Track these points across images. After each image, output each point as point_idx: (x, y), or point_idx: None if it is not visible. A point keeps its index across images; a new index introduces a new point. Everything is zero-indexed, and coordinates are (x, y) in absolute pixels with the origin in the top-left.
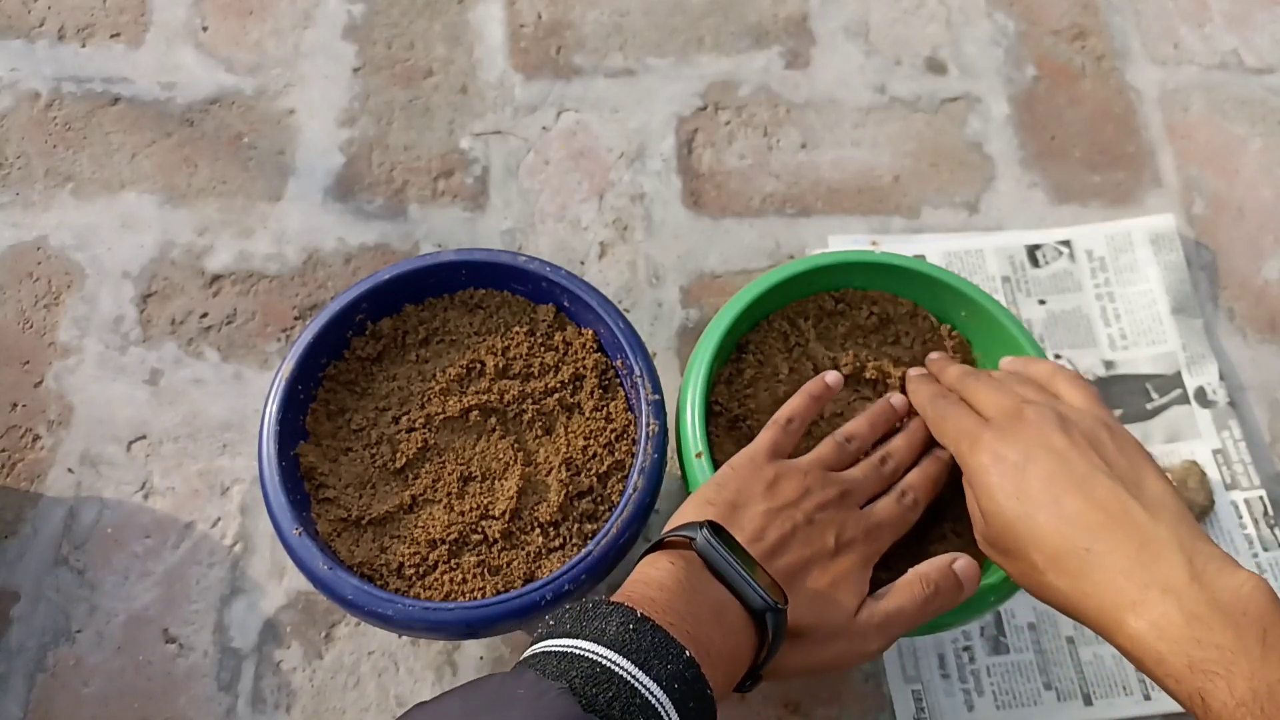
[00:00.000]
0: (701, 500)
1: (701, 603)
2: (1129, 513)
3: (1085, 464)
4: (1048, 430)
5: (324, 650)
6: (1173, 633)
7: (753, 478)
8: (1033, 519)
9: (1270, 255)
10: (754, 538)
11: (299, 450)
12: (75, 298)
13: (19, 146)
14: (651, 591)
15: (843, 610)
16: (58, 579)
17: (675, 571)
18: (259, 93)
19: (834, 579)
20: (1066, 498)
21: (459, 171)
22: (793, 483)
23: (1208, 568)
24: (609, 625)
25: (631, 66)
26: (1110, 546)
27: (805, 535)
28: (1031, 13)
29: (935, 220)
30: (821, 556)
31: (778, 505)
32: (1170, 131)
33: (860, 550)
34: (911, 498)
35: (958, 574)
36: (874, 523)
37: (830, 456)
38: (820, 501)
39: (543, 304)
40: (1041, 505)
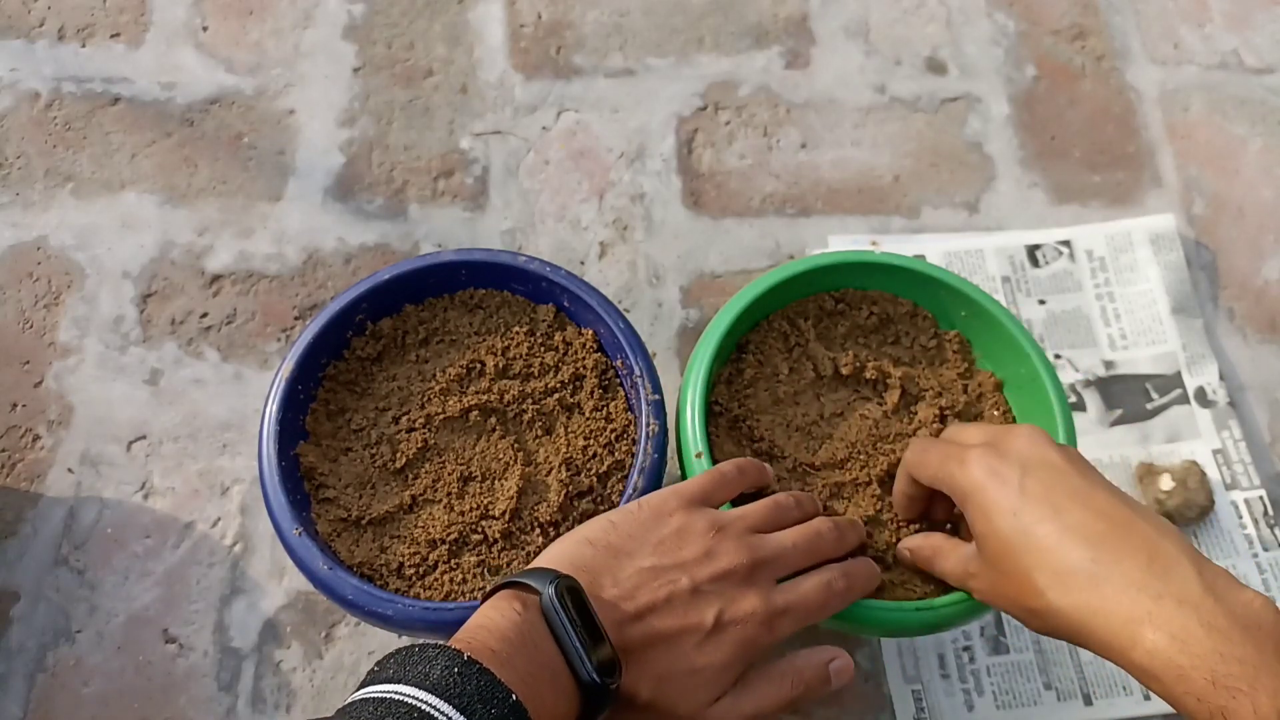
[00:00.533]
0: (583, 537)
1: (540, 661)
2: (1133, 523)
3: (1082, 477)
4: (1041, 444)
5: (324, 650)
6: (1194, 646)
7: (651, 524)
8: (1033, 533)
9: (1270, 255)
10: (624, 595)
11: (299, 450)
12: (75, 298)
13: (19, 146)
14: (492, 642)
15: (693, 702)
16: (58, 579)
17: (519, 623)
18: (259, 93)
19: (695, 665)
20: (1068, 508)
21: (459, 171)
22: (697, 541)
23: (1217, 582)
24: (433, 669)
25: (631, 66)
26: (1118, 557)
27: (682, 605)
28: (1031, 13)
29: (935, 220)
30: (693, 633)
31: (665, 564)
32: (1170, 131)
33: (743, 637)
34: (845, 586)
35: (832, 674)
36: (777, 607)
37: (761, 516)
38: (719, 570)
39: (543, 304)
40: (1043, 518)
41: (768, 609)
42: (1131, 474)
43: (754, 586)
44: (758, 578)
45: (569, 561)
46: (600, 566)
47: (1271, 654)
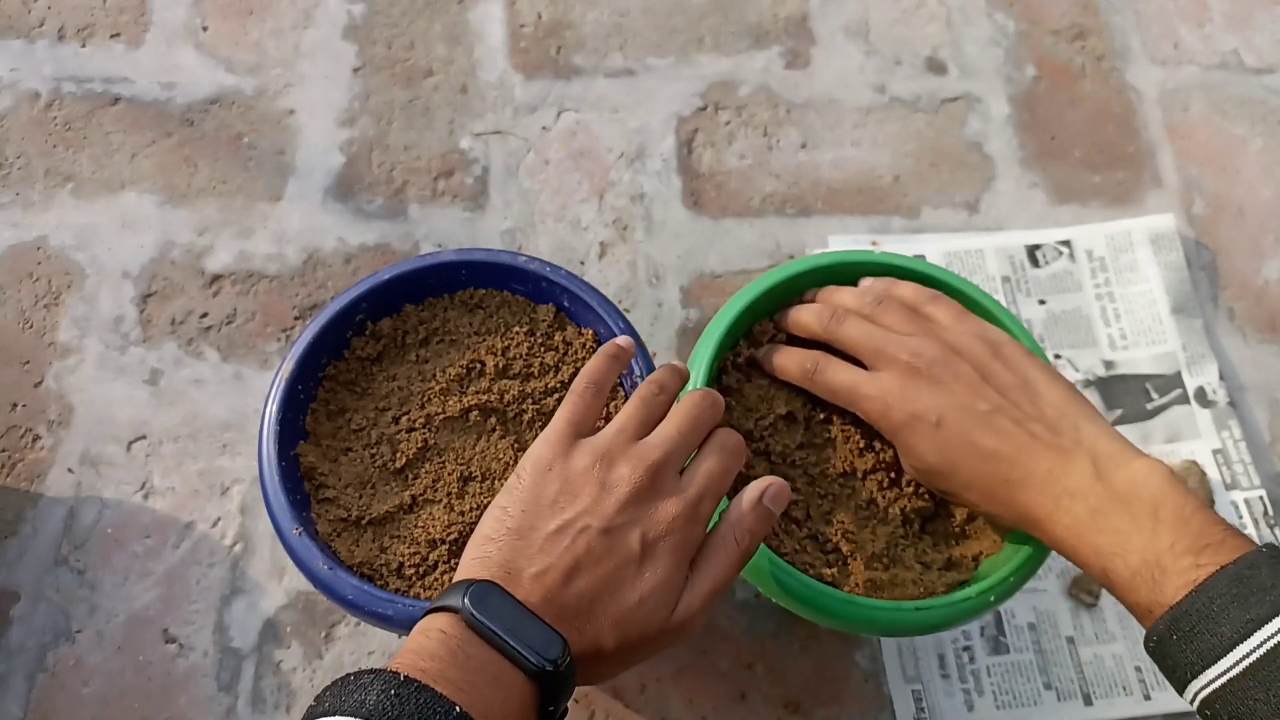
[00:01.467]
0: (484, 537)
1: (475, 669)
2: (1036, 436)
3: (986, 404)
4: (946, 377)
5: (324, 650)
6: (1079, 529)
7: (540, 487)
8: (958, 468)
9: (1270, 255)
10: (541, 569)
11: (299, 450)
12: (75, 298)
13: (19, 146)
14: (422, 662)
15: (655, 620)
16: (58, 579)
17: (446, 640)
18: (259, 93)
19: (642, 594)
20: (981, 440)
21: (459, 171)
22: (589, 480)
23: (1109, 464)
24: (369, 695)
25: (631, 66)
26: (1027, 471)
27: (603, 549)
28: (1031, 13)
29: (935, 220)
30: (626, 568)
31: (569, 517)
32: (1170, 131)
33: (678, 541)
34: (735, 441)
35: (769, 504)
36: (691, 497)
37: (635, 420)
38: (621, 498)
39: (543, 304)
40: (962, 453)
41: (685, 503)
42: None
43: (661, 492)
44: (661, 482)
45: (480, 567)
46: (510, 554)
47: (1145, 518)
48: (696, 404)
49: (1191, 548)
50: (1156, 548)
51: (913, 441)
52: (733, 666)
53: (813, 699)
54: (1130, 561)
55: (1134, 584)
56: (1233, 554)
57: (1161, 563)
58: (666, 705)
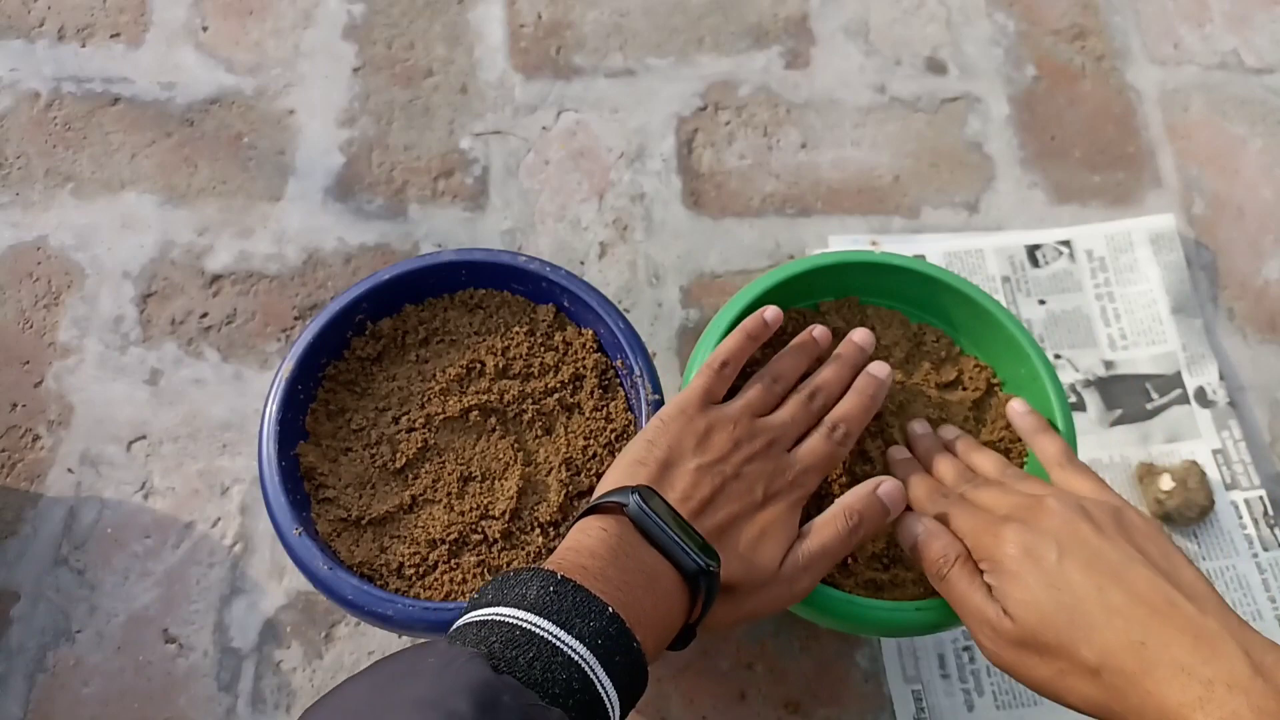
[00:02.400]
0: (633, 460)
1: (633, 569)
2: (1175, 604)
3: (1120, 553)
4: (1074, 519)
5: (324, 650)
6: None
7: (684, 432)
8: (1079, 610)
9: (1270, 255)
10: (684, 496)
11: (299, 450)
12: (75, 298)
13: (19, 146)
14: (583, 559)
15: (770, 560)
16: (58, 579)
17: (607, 538)
18: (259, 93)
19: (761, 531)
20: (1110, 589)
21: (459, 171)
22: (722, 436)
23: (1265, 659)
24: (529, 590)
25: (631, 66)
26: (1165, 641)
27: (734, 490)
28: (1031, 13)
29: (935, 220)
30: (749, 510)
31: (708, 461)
32: (1170, 131)
33: (786, 499)
34: (842, 431)
35: (883, 499)
36: (801, 468)
37: (758, 400)
38: (749, 454)
39: (543, 304)
40: (1086, 596)
41: (794, 471)
42: (1131, 474)
43: (775, 459)
44: (775, 451)
45: (631, 479)
46: (657, 477)
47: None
48: (806, 399)
49: None
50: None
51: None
52: (733, 666)
53: (813, 699)
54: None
55: None
56: None
57: None
58: (666, 705)
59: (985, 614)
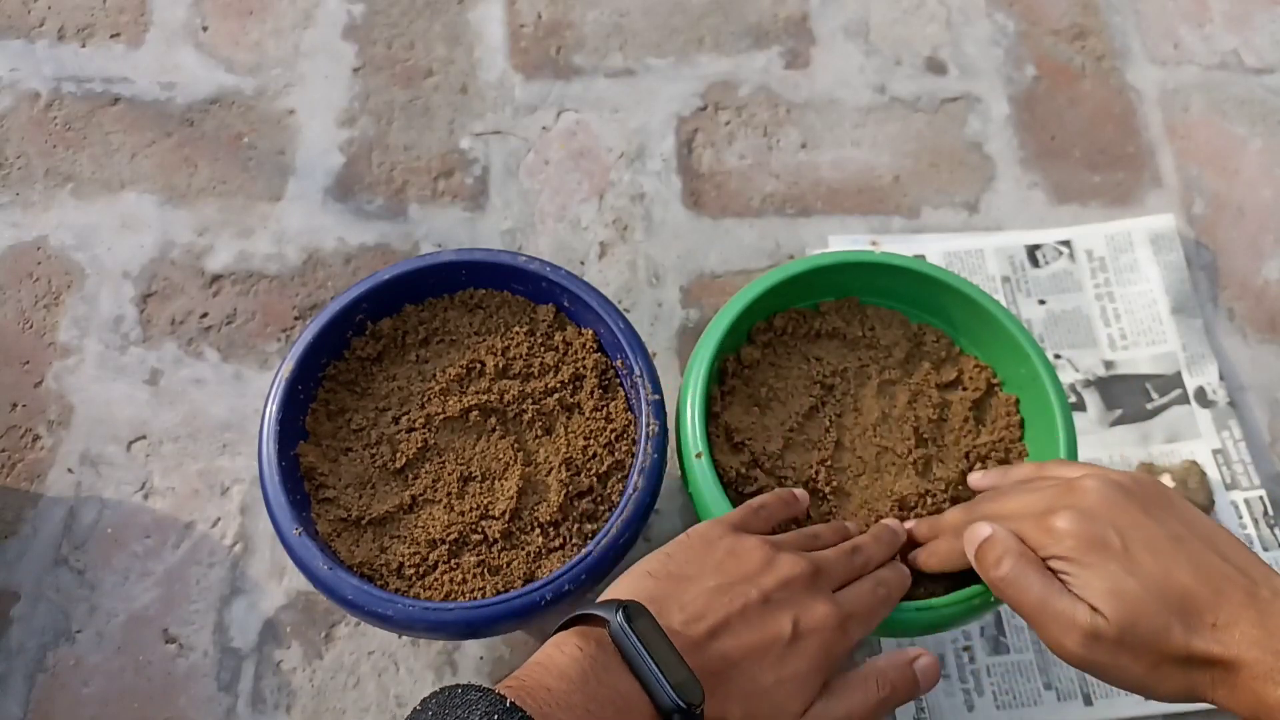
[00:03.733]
0: (642, 571)
1: (604, 698)
2: (1230, 579)
3: (1168, 531)
4: (1118, 499)
5: (324, 650)
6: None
7: (708, 548)
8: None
9: (1270, 255)
10: (693, 618)
11: (299, 450)
12: (75, 298)
13: (19, 146)
14: (549, 680)
15: (785, 713)
16: (58, 579)
17: (581, 659)
18: (259, 93)
19: (781, 676)
20: (1176, 572)
21: (459, 171)
22: (755, 555)
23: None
24: (472, 714)
25: (631, 66)
26: (1232, 617)
27: (758, 617)
28: (1031, 13)
29: (935, 220)
30: (774, 645)
31: (730, 580)
32: (1170, 131)
33: (822, 642)
34: (886, 591)
35: (917, 673)
36: (846, 612)
37: (799, 542)
38: (785, 578)
39: (543, 304)
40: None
41: (838, 613)
42: None
43: (819, 592)
44: (820, 584)
45: (630, 593)
46: (665, 594)
47: None
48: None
49: None
50: None
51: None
52: None
53: None
54: None
55: None
56: None
57: None
58: None
59: (1074, 615)
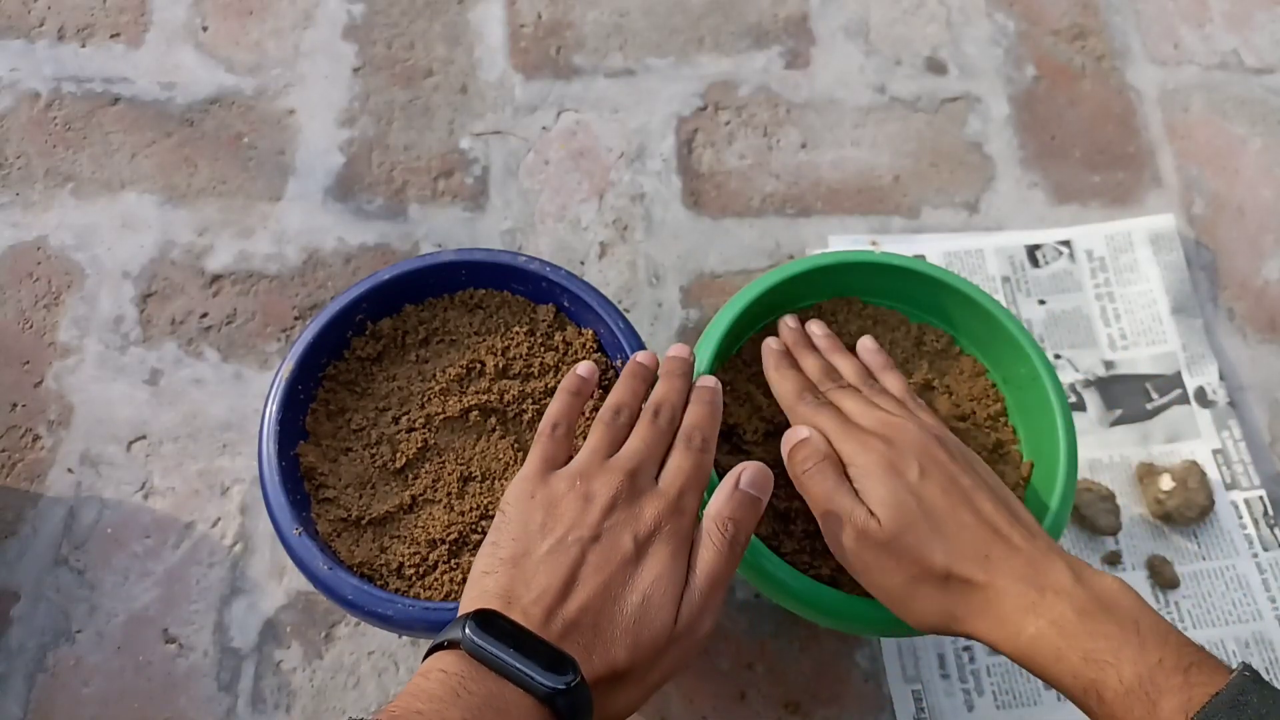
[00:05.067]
0: (479, 573)
1: (477, 705)
2: (1013, 527)
3: (970, 480)
4: (931, 445)
5: (324, 650)
6: (1069, 628)
7: (526, 517)
8: (936, 521)
9: (1270, 255)
10: (542, 590)
11: (299, 450)
12: (75, 298)
13: (19, 146)
14: (420, 704)
15: (662, 624)
16: (58, 579)
17: (447, 680)
18: (259, 93)
19: (645, 593)
20: (961, 509)
21: (459, 171)
22: (569, 499)
23: (1084, 572)
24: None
25: (631, 66)
26: (1005, 553)
27: (597, 556)
28: (1031, 13)
29: (935, 220)
30: (622, 570)
31: (559, 535)
32: (1170, 131)
33: (668, 535)
34: (700, 437)
35: (749, 491)
36: (673, 494)
37: (604, 442)
38: (605, 504)
39: (543, 304)
40: (943, 511)
41: (665, 500)
42: (1131, 474)
43: (641, 494)
44: (639, 485)
45: (479, 599)
46: (507, 582)
47: (1130, 629)
48: (650, 416)
49: (1178, 666)
50: (1147, 662)
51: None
52: (733, 666)
53: (813, 699)
54: (1124, 674)
55: (1128, 702)
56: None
57: (1155, 680)
58: (667, 705)
59: (854, 513)
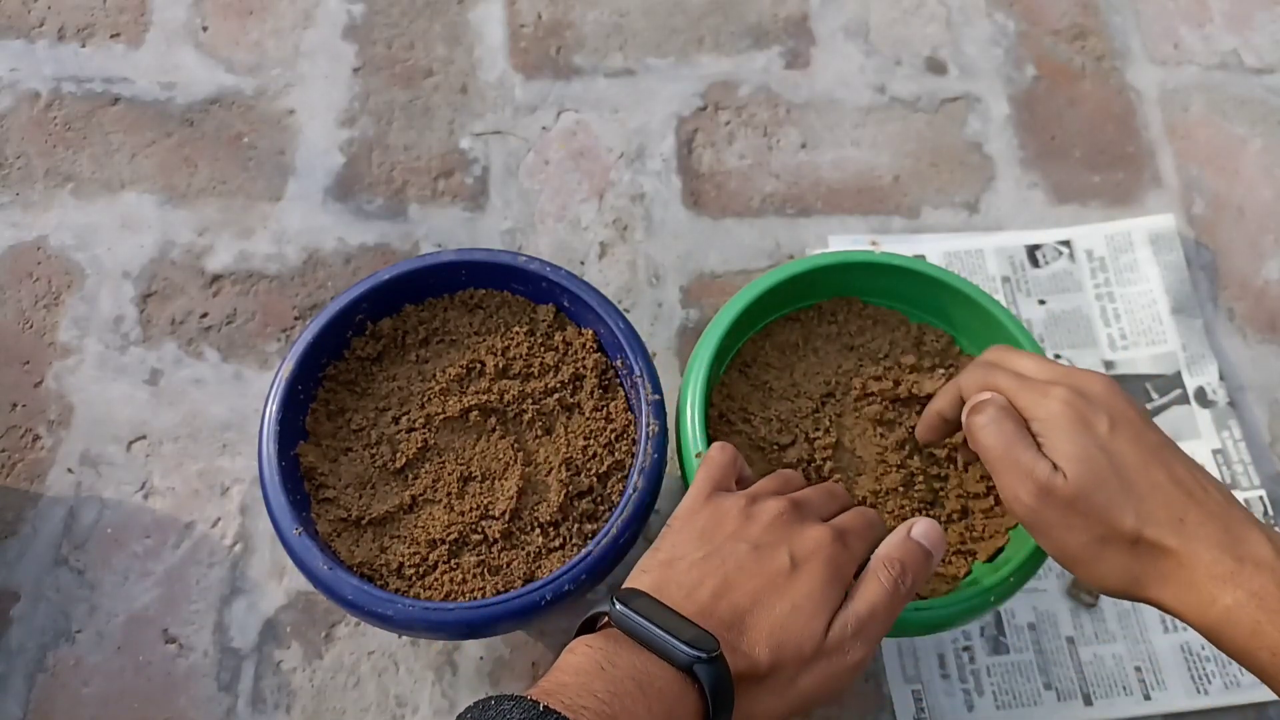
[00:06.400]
0: (637, 571)
1: (621, 676)
2: (1208, 492)
3: (1160, 438)
4: (1120, 398)
5: (324, 650)
6: (1271, 602)
7: (687, 526)
8: (1128, 479)
9: (1270, 255)
10: (692, 589)
11: (299, 450)
12: (75, 298)
13: (19, 146)
14: (565, 677)
15: (810, 633)
16: (58, 579)
17: (591, 653)
18: (259, 93)
19: (794, 602)
20: (1154, 467)
21: (459, 171)
22: (732, 512)
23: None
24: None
25: (631, 66)
26: (1201, 520)
27: (753, 564)
28: (1031, 13)
29: (935, 220)
30: (777, 580)
31: (717, 544)
32: (1170, 131)
33: (824, 559)
34: (874, 514)
35: (921, 542)
36: (839, 528)
37: (776, 483)
38: (767, 522)
39: (543, 304)
40: (1135, 468)
41: (831, 531)
42: None
43: (805, 521)
44: (804, 515)
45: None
46: (661, 580)
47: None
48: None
49: None
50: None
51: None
52: None
53: None
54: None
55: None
56: None
57: None
58: None
59: (1035, 468)
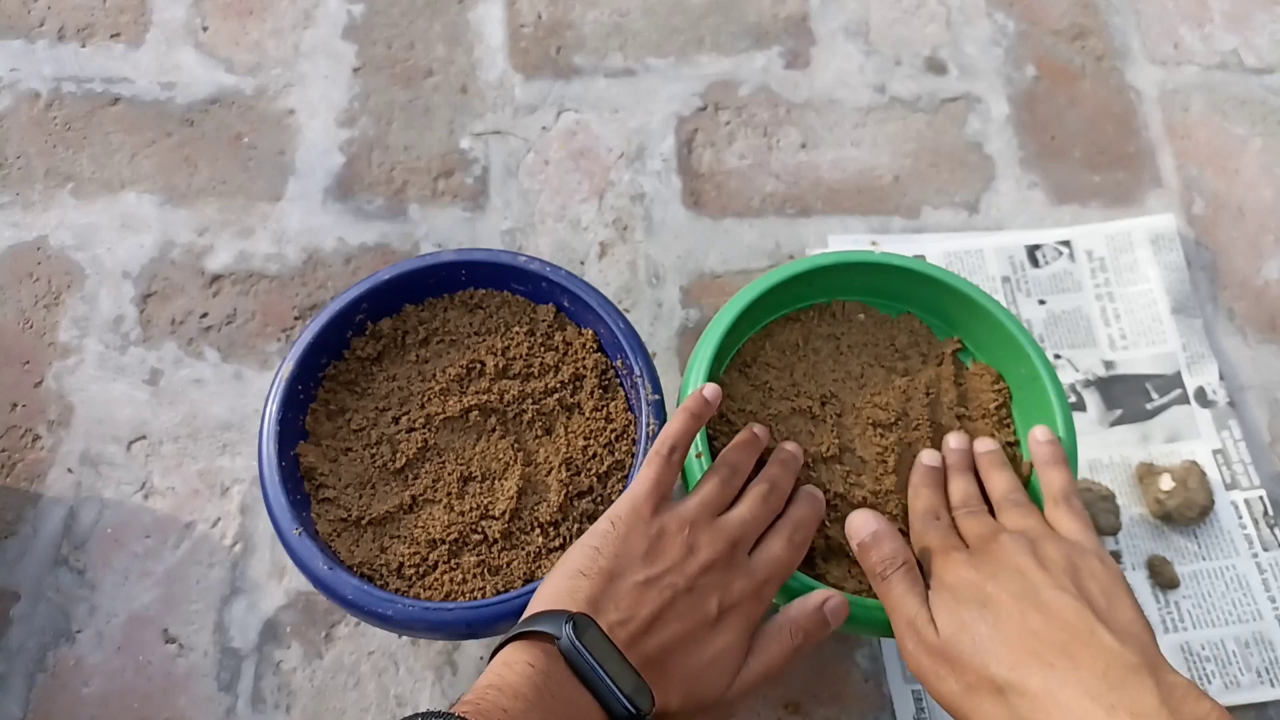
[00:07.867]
0: (574, 569)
1: (559, 711)
2: (1095, 634)
3: (1052, 585)
4: (1017, 555)
5: (324, 650)
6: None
7: (632, 537)
8: (997, 628)
9: (1270, 255)
10: (626, 616)
11: (299, 450)
12: (75, 298)
13: (19, 146)
14: (504, 700)
15: (717, 687)
16: (58, 579)
17: (533, 675)
18: (259, 93)
19: (712, 656)
20: (1031, 614)
21: (459, 171)
22: (676, 542)
23: (1174, 694)
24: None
25: (631, 66)
26: (1076, 664)
27: (685, 606)
28: (1031, 13)
29: (935, 220)
30: (701, 629)
31: (657, 572)
32: (1170, 131)
33: (744, 614)
34: (801, 536)
35: (828, 615)
36: (761, 578)
37: (716, 497)
38: (705, 562)
39: (543, 304)
40: (1008, 618)
41: (754, 582)
42: (1131, 474)
43: (735, 567)
44: (736, 558)
45: (569, 596)
46: (599, 593)
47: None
48: (762, 491)
49: None
50: None
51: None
52: None
53: (813, 699)
54: None
55: None
56: None
57: None
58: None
59: (915, 619)
